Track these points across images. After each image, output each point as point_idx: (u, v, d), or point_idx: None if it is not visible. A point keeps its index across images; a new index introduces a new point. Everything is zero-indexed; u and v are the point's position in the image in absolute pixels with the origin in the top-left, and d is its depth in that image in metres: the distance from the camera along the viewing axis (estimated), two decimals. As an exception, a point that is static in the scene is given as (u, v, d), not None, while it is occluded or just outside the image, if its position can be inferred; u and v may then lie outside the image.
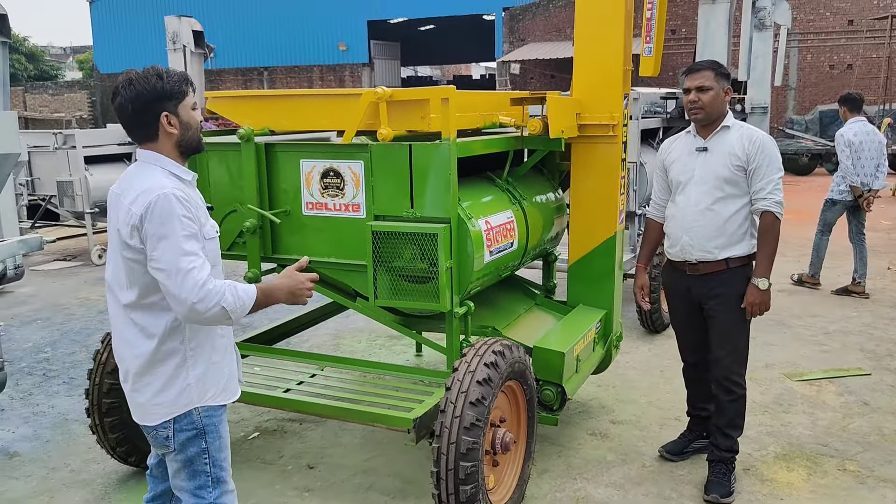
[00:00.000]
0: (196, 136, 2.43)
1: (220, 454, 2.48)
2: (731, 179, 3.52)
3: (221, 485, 2.49)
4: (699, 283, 3.65)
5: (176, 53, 9.68)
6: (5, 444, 4.33)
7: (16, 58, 38.27)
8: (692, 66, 3.65)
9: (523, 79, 26.69)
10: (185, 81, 2.39)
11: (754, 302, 3.51)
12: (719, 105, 3.54)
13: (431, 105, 3.36)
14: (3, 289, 8.11)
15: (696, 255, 3.61)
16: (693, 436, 4.02)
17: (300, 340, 5.96)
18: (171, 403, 2.37)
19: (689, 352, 3.94)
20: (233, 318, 2.28)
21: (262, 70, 31.52)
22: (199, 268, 2.23)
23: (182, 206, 2.25)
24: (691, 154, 3.65)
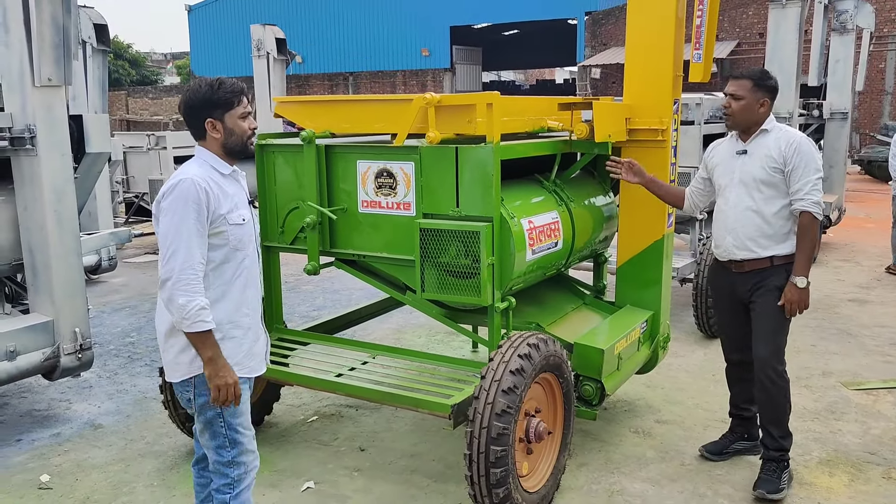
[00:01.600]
0: (238, 142, 2.71)
1: (235, 420, 2.73)
2: (769, 181, 3.61)
3: (238, 446, 2.76)
4: (744, 279, 3.74)
5: (260, 60, 10.19)
6: (91, 417, 4.77)
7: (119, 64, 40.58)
8: (735, 72, 3.77)
9: (604, 83, 26.51)
10: (237, 93, 2.69)
11: (792, 299, 3.57)
12: (750, 115, 3.64)
13: (477, 110, 3.55)
14: (99, 278, 8.75)
15: (740, 255, 3.71)
16: (735, 437, 4.06)
17: (364, 333, 6.24)
18: (189, 363, 2.66)
19: (733, 350, 4.00)
20: (176, 318, 2.52)
21: (347, 75, 32.38)
22: (183, 254, 2.51)
23: (198, 193, 2.55)
24: (732, 157, 3.76)
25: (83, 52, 7.72)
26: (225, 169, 2.72)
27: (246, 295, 2.76)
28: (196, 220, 2.55)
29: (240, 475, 2.77)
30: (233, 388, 2.61)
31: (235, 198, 2.72)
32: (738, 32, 24.80)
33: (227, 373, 2.60)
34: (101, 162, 5.03)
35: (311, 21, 31.51)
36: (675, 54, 4.19)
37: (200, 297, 2.53)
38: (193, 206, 2.54)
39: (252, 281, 2.79)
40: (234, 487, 2.77)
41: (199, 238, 2.56)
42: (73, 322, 4.54)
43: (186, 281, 2.51)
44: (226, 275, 2.69)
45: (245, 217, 2.73)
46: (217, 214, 2.62)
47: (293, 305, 7.44)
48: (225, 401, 2.61)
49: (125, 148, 9.91)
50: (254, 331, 2.80)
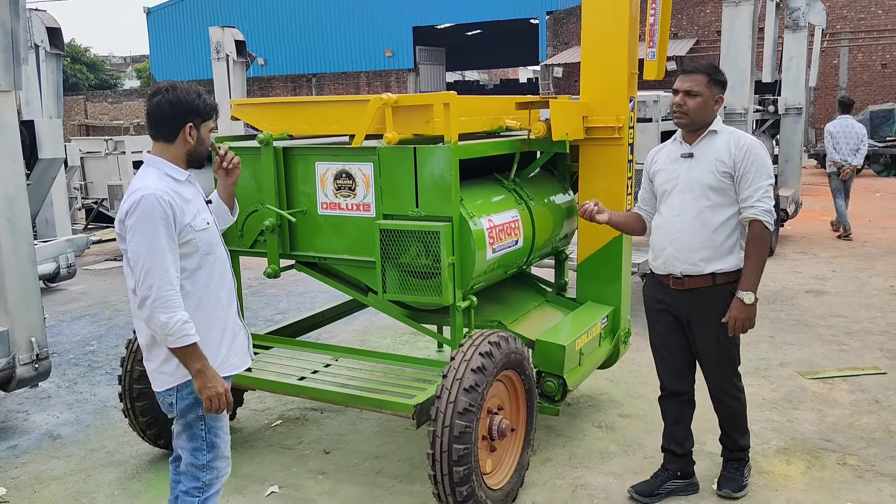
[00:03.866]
0: (203, 153, 2.78)
1: (216, 423, 2.77)
2: (718, 187, 3.33)
3: (214, 449, 2.78)
4: (682, 298, 3.45)
5: (220, 63, 10.08)
6: (50, 428, 4.68)
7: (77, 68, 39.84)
8: (687, 66, 3.47)
9: (567, 82, 26.70)
10: (215, 110, 2.79)
11: (738, 317, 3.29)
12: (706, 112, 3.36)
13: (434, 110, 3.56)
14: (58, 286, 8.59)
15: (680, 268, 3.41)
16: (667, 475, 3.67)
17: (329, 335, 6.22)
18: (173, 373, 2.68)
19: (668, 378, 3.66)
20: (160, 336, 2.53)
21: (310, 77, 32.18)
22: (159, 271, 2.51)
23: (162, 208, 2.54)
24: (676, 161, 3.46)
25: (36, 57, 7.56)
26: (180, 175, 2.72)
27: (219, 296, 2.77)
28: (166, 236, 2.55)
29: (210, 480, 2.80)
30: (223, 396, 2.63)
31: (195, 202, 2.73)
32: (697, 30, 25.17)
33: (217, 382, 2.62)
34: (54, 168, 4.95)
35: (272, 23, 31.25)
36: (630, 52, 4.25)
37: (181, 311, 2.53)
38: (161, 222, 2.54)
39: (224, 280, 2.81)
40: (203, 491, 2.79)
41: (171, 253, 2.56)
42: (28, 332, 4.45)
43: (165, 298, 2.51)
44: (200, 281, 2.71)
45: (208, 220, 2.76)
46: (183, 224, 2.62)
47: (256, 309, 7.38)
48: (217, 409, 2.64)
49: (83, 153, 9.75)
50: (231, 328, 2.82)
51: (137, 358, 3.92)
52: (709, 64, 3.52)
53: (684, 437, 3.68)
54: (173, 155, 2.71)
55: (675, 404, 3.68)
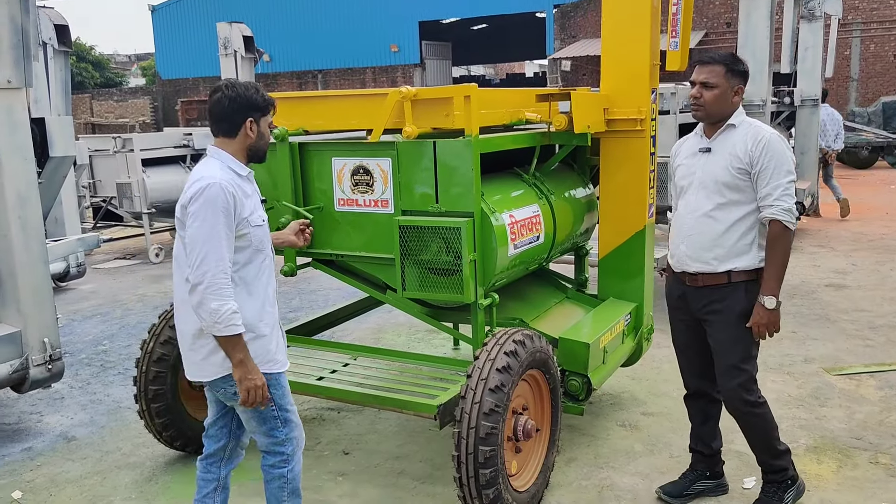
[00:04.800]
0: (263, 147, 2.84)
1: (284, 400, 2.84)
2: (733, 184, 3.16)
3: (289, 424, 2.87)
4: (697, 295, 3.31)
5: (227, 59, 10.00)
6: (64, 430, 4.62)
7: (83, 66, 39.84)
8: (703, 57, 3.25)
9: (575, 75, 26.56)
10: (273, 104, 2.83)
11: (760, 322, 3.13)
12: (723, 105, 3.18)
13: (454, 103, 3.46)
14: (67, 286, 8.54)
15: (693, 267, 3.27)
16: (696, 476, 3.57)
17: (343, 333, 6.14)
18: (220, 364, 2.71)
19: (691, 376, 3.55)
20: (208, 322, 2.56)
21: (316, 73, 32.11)
22: (214, 258, 2.55)
23: (226, 198, 2.59)
24: (694, 155, 3.31)
25: (44, 54, 7.51)
26: (242, 170, 2.78)
27: (268, 293, 2.82)
28: (225, 226, 2.59)
29: (293, 450, 2.90)
30: (262, 389, 2.67)
31: (253, 198, 2.79)
32: (706, 22, 24.97)
33: (257, 375, 2.67)
34: (65, 166, 4.88)
35: (277, 18, 31.15)
36: (652, 43, 4.15)
37: (232, 300, 2.57)
38: (222, 211, 2.59)
39: (271, 280, 2.86)
40: (288, 462, 2.89)
41: (227, 242, 2.60)
42: (41, 332, 4.39)
43: (219, 286, 2.55)
44: (250, 275, 2.75)
45: (263, 218, 2.81)
46: (241, 217, 2.67)
47: (269, 307, 7.29)
48: (254, 402, 2.67)
49: (91, 151, 9.67)
50: (278, 326, 2.88)
51: (153, 359, 3.85)
52: (727, 54, 3.32)
53: (712, 436, 3.56)
54: (234, 149, 2.77)
55: (701, 404, 3.55)
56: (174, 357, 3.88)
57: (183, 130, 11.29)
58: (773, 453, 3.33)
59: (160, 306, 7.48)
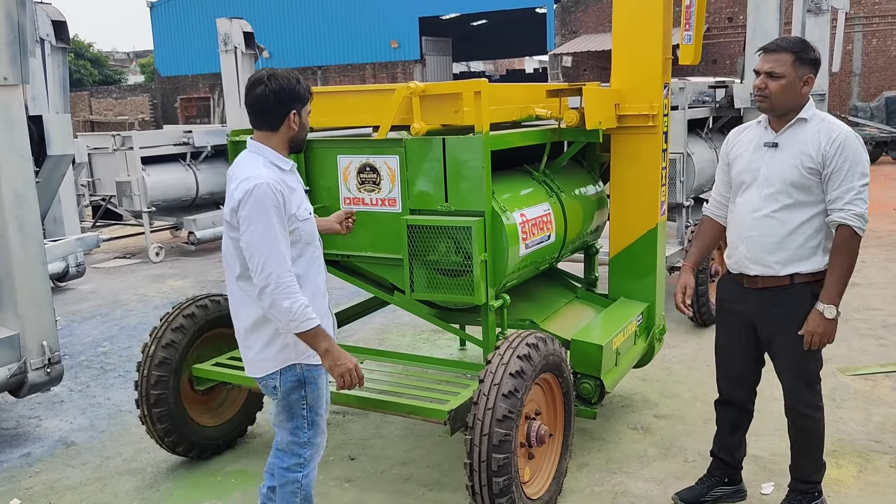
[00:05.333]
0: (304, 137, 2.81)
1: (317, 402, 2.83)
2: (802, 184, 2.94)
3: (315, 427, 2.84)
4: (756, 298, 3.10)
5: (227, 55, 9.88)
6: (64, 434, 4.52)
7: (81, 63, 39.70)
8: (769, 44, 3.01)
9: (576, 71, 26.44)
10: (311, 93, 2.80)
11: (815, 331, 2.95)
12: (791, 96, 2.94)
13: (464, 98, 3.36)
14: (67, 286, 8.44)
15: (754, 270, 3.08)
16: (714, 481, 3.46)
17: (347, 334, 6.04)
18: (274, 358, 2.72)
19: (728, 384, 3.36)
20: (283, 322, 2.55)
21: (315, 69, 31.95)
22: (276, 259, 2.53)
23: (275, 196, 2.56)
24: (758, 149, 3.07)
25: (41, 51, 7.38)
26: (285, 165, 2.73)
27: (318, 283, 2.80)
28: (279, 224, 2.57)
29: (311, 455, 2.86)
30: (354, 371, 2.65)
31: (298, 192, 2.75)
32: (707, 17, 24.82)
33: (346, 358, 2.65)
34: (63, 164, 4.78)
35: (276, 14, 30.97)
36: (665, 36, 4.05)
37: (301, 296, 2.56)
38: (274, 210, 2.56)
39: (321, 270, 2.85)
40: (304, 467, 2.85)
41: (284, 240, 2.59)
42: (40, 335, 4.29)
43: (286, 285, 2.54)
44: (301, 267, 2.72)
45: (310, 210, 2.79)
46: (290, 214, 2.64)
47: (271, 307, 7.20)
48: (350, 384, 2.66)
49: (90, 149, 9.56)
50: (328, 318, 2.84)
51: (155, 363, 3.74)
52: (796, 40, 3.05)
53: (737, 447, 3.43)
54: (277, 143, 2.72)
55: (732, 413, 3.40)
56: (176, 360, 3.78)
57: (183, 128, 11.17)
58: (815, 465, 3.22)
59: (160, 307, 7.38)
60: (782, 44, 2.99)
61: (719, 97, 6.92)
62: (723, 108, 6.97)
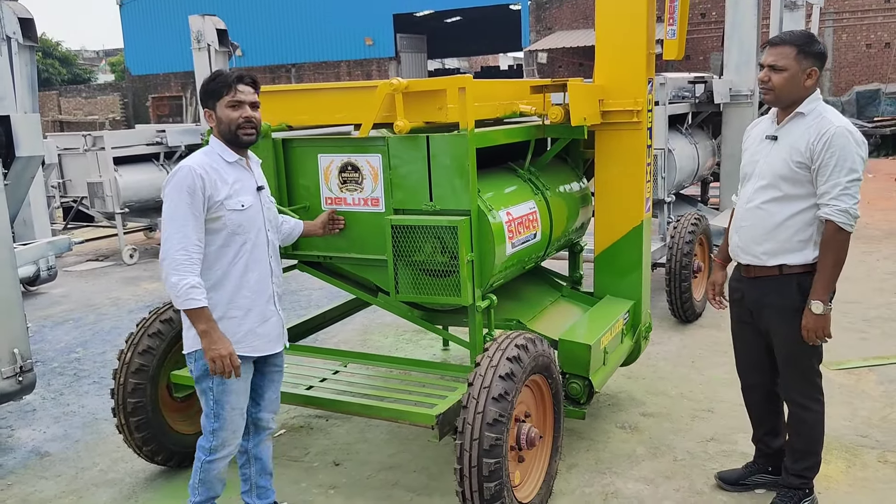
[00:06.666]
0: (226, 130, 2.85)
1: (223, 397, 2.89)
2: (791, 178, 2.99)
3: (219, 420, 2.92)
4: (751, 287, 3.20)
5: (200, 52, 9.70)
6: (37, 445, 4.38)
7: (49, 62, 38.95)
8: (774, 38, 3.07)
9: (551, 68, 26.46)
10: (227, 83, 2.83)
11: (808, 327, 2.99)
12: (794, 89, 2.99)
13: (448, 95, 3.29)
14: (38, 290, 8.24)
15: (744, 259, 3.18)
16: (756, 468, 3.51)
17: (327, 336, 5.95)
18: (192, 339, 2.85)
19: (744, 369, 3.43)
20: (172, 296, 2.72)
21: (289, 67, 31.67)
22: (178, 237, 2.69)
23: (193, 180, 2.71)
24: (762, 142, 3.14)
25: (8, 49, 7.18)
26: (230, 157, 2.87)
27: (246, 278, 2.87)
28: (190, 204, 2.71)
29: (216, 446, 2.95)
30: (227, 358, 2.74)
31: (237, 185, 2.84)
32: (680, 13, 24.97)
33: (222, 345, 2.74)
34: (33, 166, 4.63)
35: (248, 11, 30.59)
36: (649, 31, 4.00)
37: (192, 276, 2.69)
38: (187, 192, 2.70)
39: (255, 266, 2.90)
40: (208, 453, 2.96)
41: (194, 221, 2.71)
42: (10, 342, 4.15)
43: (179, 262, 2.69)
44: (226, 258, 2.84)
45: (245, 203, 2.85)
46: (214, 200, 2.76)
47: (250, 309, 7.08)
48: (222, 371, 2.76)
49: (60, 150, 9.34)
50: (256, 312, 2.91)
51: (131, 370, 3.63)
52: (801, 33, 3.08)
53: (773, 435, 3.44)
54: (219, 138, 2.89)
55: (756, 399, 3.43)
56: (154, 367, 3.67)
57: (156, 127, 10.95)
58: (811, 461, 3.23)
59: (135, 311, 7.22)
60: (786, 37, 3.03)
61: (699, 93, 6.91)
62: (702, 104, 6.97)
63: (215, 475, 3.01)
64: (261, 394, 3.12)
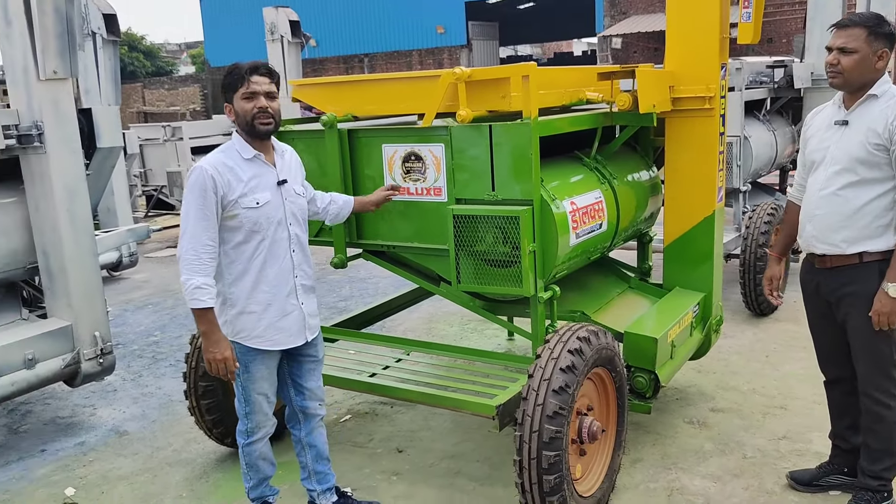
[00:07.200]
0: (243, 122, 2.83)
1: (249, 384, 2.99)
2: (869, 161, 2.88)
3: (250, 404, 3.01)
4: (828, 277, 3.08)
5: (274, 44, 9.90)
6: (116, 424, 4.58)
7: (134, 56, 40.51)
8: (842, 19, 2.99)
9: (626, 53, 25.91)
10: (242, 75, 2.80)
11: (882, 311, 2.89)
12: (864, 71, 2.89)
13: (512, 83, 3.25)
14: (121, 275, 8.60)
15: (820, 248, 3.06)
16: (831, 468, 3.38)
17: (394, 324, 6.01)
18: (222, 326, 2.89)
19: (826, 365, 3.32)
20: (183, 292, 2.75)
21: (362, 57, 32.01)
22: (188, 237, 2.73)
23: (204, 180, 2.74)
24: (830, 128, 3.05)
25: (93, 44, 7.49)
26: (247, 153, 2.87)
27: (264, 273, 2.89)
28: (202, 206, 2.74)
29: (251, 428, 3.05)
30: (223, 363, 2.80)
31: (253, 181, 2.84)
32: (762, -6, 24.06)
33: (219, 348, 2.79)
34: (113, 156, 4.81)
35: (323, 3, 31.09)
36: (722, 14, 3.86)
37: (198, 276, 2.72)
38: (199, 192, 2.74)
39: (274, 261, 2.91)
40: (245, 436, 3.08)
41: (204, 221, 2.74)
42: (92, 326, 4.34)
43: (188, 261, 2.73)
44: (245, 254, 2.86)
45: (260, 200, 2.84)
46: (228, 199, 2.78)
47: (319, 296, 7.14)
48: (218, 373, 2.82)
49: (141, 140, 9.72)
50: (276, 307, 2.93)
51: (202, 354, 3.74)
52: (870, 14, 2.99)
53: (852, 430, 3.28)
54: (240, 133, 2.89)
55: (838, 394, 3.31)
56: (223, 352, 3.77)
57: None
58: (889, 461, 3.10)
59: (211, 295, 7.45)
60: (855, 18, 2.93)
61: (778, 77, 6.63)
62: (782, 89, 6.68)
63: (258, 457, 3.11)
64: (302, 384, 3.16)
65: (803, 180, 3.26)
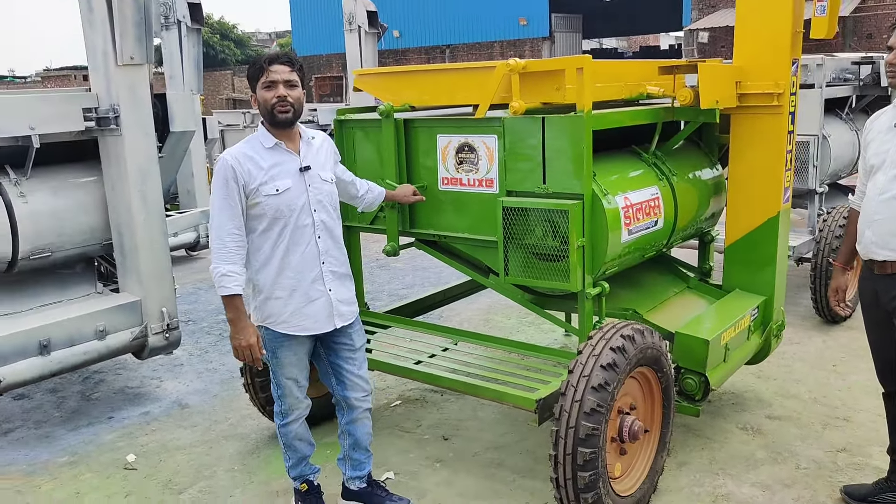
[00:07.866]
0: (264, 111, 2.89)
1: (278, 370, 3.07)
2: None
3: (280, 388, 3.11)
4: (888, 284, 2.97)
5: (352, 34, 10.07)
6: (180, 396, 4.78)
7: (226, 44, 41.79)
8: None
9: (713, 47, 25.12)
10: (261, 65, 2.88)
11: None
12: None
13: (566, 76, 3.22)
14: (198, 255, 8.92)
15: (881, 254, 2.95)
16: (889, 485, 3.25)
17: (452, 313, 6.05)
18: (254, 311, 3.03)
19: (885, 377, 3.20)
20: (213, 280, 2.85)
21: (444, 48, 32.11)
22: (215, 226, 2.84)
23: (227, 170, 2.82)
24: (889, 131, 2.95)
25: (178, 31, 7.80)
26: (268, 142, 2.92)
27: (287, 260, 2.93)
28: (225, 195, 2.83)
29: (284, 409, 3.15)
30: (248, 349, 2.88)
31: (274, 169, 2.88)
32: (863, -13, 22.90)
33: (245, 335, 2.88)
34: (185, 141, 5.00)
35: (408, -6, 31.33)
36: (795, 8, 3.71)
37: (225, 264, 2.81)
38: (222, 182, 2.83)
39: (295, 247, 2.94)
40: (280, 417, 3.18)
41: (229, 210, 2.83)
42: (160, 302, 4.54)
43: (215, 250, 2.84)
44: (269, 241, 2.93)
45: (280, 187, 2.87)
46: (250, 188, 2.85)
47: (382, 283, 7.33)
48: (244, 359, 2.91)
49: (222, 126, 10.04)
50: (301, 293, 2.96)
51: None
52: None
53: None
54: (263, 122, 2.95)
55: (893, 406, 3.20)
56: (277, 333, 3.89)
57: (309, 106, 11.50)
58: None
59: (280, 278, 7.66)
60: None
61: (864, 74, 6.32)
62: (867, 87, 6.37)
63: (293, 437, 3.19)
64: (341, 373, 3.16)
65: (864, 186, 3.13)
